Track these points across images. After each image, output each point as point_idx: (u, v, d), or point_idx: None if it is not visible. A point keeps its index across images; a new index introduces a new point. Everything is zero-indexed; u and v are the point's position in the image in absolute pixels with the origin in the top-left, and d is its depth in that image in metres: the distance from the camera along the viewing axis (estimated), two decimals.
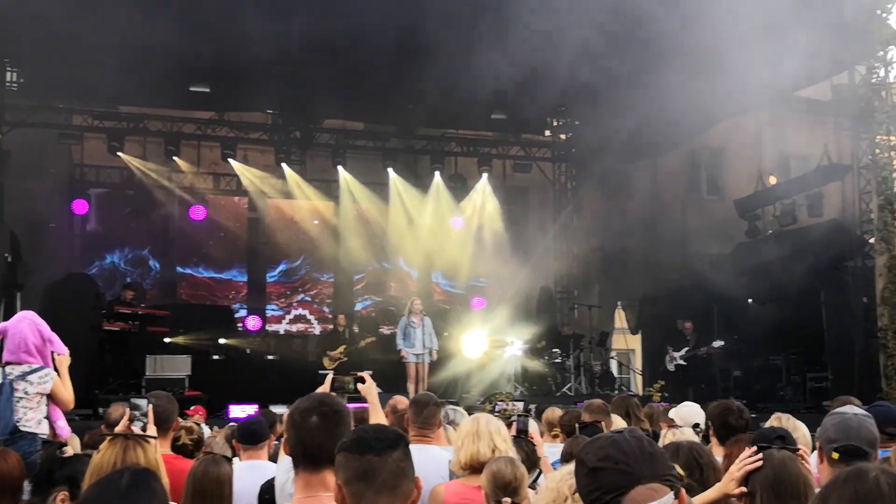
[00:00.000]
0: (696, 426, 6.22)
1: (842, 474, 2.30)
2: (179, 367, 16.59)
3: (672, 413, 7.00)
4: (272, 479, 4.41)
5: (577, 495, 2.76)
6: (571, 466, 3.00)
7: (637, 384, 23.01)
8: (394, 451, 2.64)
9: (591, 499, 2.22)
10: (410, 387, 16.42)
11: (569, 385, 18.92)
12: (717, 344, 17.84)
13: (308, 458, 3.14)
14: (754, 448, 3.71)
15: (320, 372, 17.30)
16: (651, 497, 2.16)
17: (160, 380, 15.98)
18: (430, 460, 5.20)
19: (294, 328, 23.48)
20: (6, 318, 7.38)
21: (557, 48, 14.11)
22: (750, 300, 19.13)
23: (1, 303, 15.18)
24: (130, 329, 17.30)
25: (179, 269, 22.81)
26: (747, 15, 13.10)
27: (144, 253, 22.51)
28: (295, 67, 18.05)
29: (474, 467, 4.86)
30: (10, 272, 16.28)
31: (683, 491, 2.25)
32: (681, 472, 2.39)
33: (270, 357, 20.66)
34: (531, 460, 5.57)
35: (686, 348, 18.64)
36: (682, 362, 18.61)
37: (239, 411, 13.58)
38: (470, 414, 6.82)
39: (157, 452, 3.77)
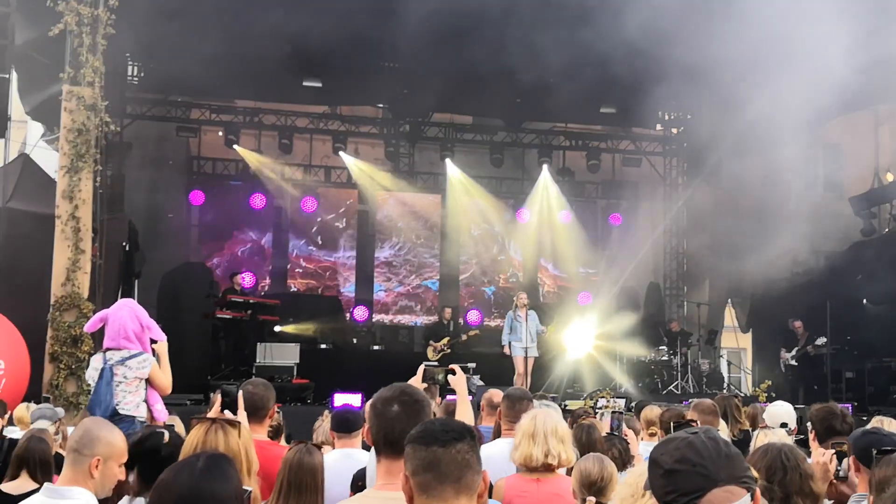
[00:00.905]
0: (783, 425, 6.10)
1: None
2: (288, 355, 16.95)
3: (765, 413, 6.87)
4: (364, 468, 4.51)
5: None
6: None
7: (747, 384, 22.55)
8: (459, 442, 2.68)
9: (667, 500, 2.19)
10: (518, 381, 16.40)
11: (675, 383, 18.67)
12: (821, 341, 17.37)
13: (390, 446, 3.22)
14: None
15: (424, 363, 17.46)
16: (728, 500, 2.13)
17: (270, 367, 16.39)
18: None
19: (400, 319, 23.73)
20: None
21: (667, 40, 13.90)
22: (864, 300, 18.54)
23: (119, 290, 15.75)
24: (243, 317, 17.80)
25: (291, 258, 23.30)
26: (857, 5, 12.71)
27: (260, 243, 23.07)
28: (404, 62, 18.25)
29: (528, 468, 4.88)
30: (127, 260, 16.89)
31: (759, 492, 2.24)
32: (755, 473, 2.37)
33: (376, 347, 20.93)
34: (623, 459, 5.56)
35: (796, 348, 18.20)
36: (793, 363, 18.17)
37: (343, 400, 13.79)
38: (565, 410, 6.82)
39: (243, 437, 3.88)
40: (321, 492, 4.65)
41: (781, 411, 6.54)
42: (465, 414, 5.00)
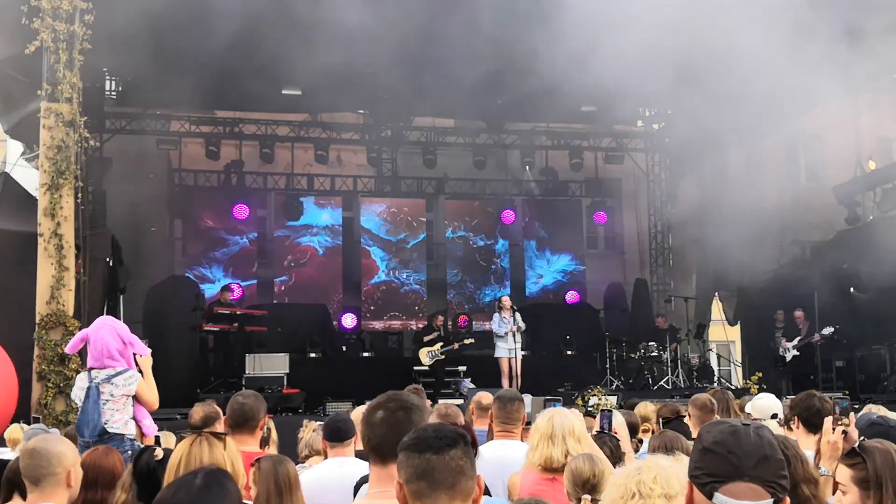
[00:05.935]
0: (774, 416, 6.09)
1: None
2: (278, 365, 16.87)
3: (748, 407, 6.85)
4: (367, 475, 4.47)
5: (643, 492, 2.75)
6: (639, 463, 2.99)
7: (738, 376, 22.59)
8: (453, 449, 2.65)
9: (694, 475, 2.25)
10: (504, 382, 16.36)
11: (666, 378, 18.66)
12: (828, 331, 17.34)
13: (373, 452, 3.22)
14: None
15: (415, 368, 17.43)
16: (747, 496, 2.15)
17: (259, 378, 16.31)
18: (513, 455, 5.22)
19: (390, 325, 23.63)
20: None
21: (644, 37, 13.90)
22: (852, 289, 18.59)
23: (104, 306, 15.64)
24: (230, 329, 17.71)
25: (277, 268, 23.18)
26: None
27: (244, 254, 22.93)
28: (383, 67, 18.20)
29: (547, 469, 4.86)
30: (112, 276, 16.77)
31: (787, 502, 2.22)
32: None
33: (366, 354, 20.84)
34: (615, 456, 5.54)
35: (798, 338, 18.15)
36: (796, 353, 18.13)
37: (335, 409, 13.75)
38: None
39: (230, 450, 3.83)
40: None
41: (770, 402, 6.54)
42: None
